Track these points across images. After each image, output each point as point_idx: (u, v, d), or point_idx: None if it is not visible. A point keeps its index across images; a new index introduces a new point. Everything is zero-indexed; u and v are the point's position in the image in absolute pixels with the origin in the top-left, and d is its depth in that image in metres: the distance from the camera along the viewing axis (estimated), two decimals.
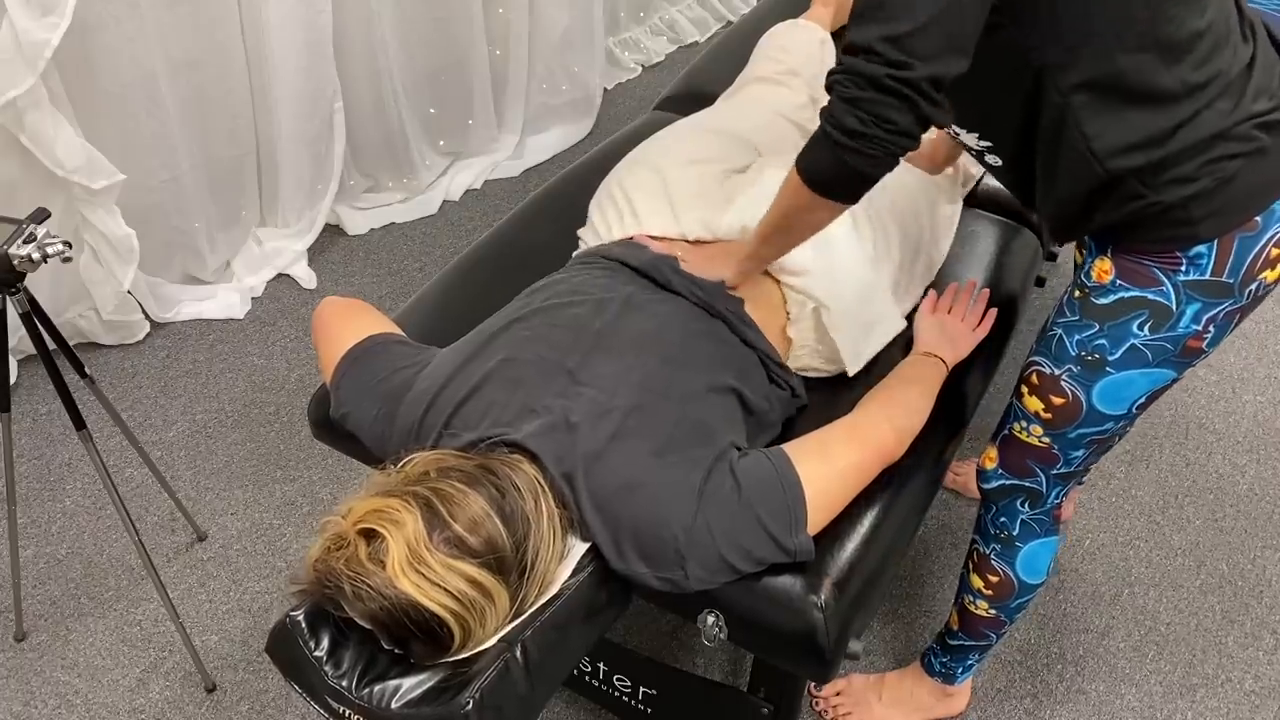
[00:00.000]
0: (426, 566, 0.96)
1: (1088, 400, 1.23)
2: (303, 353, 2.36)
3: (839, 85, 1.04)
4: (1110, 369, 1.20)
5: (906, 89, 1.00)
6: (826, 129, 1.06)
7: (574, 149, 2.99)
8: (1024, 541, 1.42)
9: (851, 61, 1.02)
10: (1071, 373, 1.22)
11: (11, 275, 1.35)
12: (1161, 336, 1.16)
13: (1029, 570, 1.44)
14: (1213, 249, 1.10)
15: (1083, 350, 1.21)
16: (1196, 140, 1.07)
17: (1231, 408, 2.28)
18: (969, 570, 1.51)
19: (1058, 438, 1.28)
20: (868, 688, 1.72)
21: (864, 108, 1.02)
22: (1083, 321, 1.20)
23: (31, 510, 2.02)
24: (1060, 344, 1.23)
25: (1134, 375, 1.20)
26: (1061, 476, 1.34)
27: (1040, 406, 1.27)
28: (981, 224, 1.73)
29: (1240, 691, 1.79)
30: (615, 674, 1.54)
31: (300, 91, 2.34)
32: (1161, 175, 1.08)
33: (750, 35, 2.05)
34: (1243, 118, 1.07)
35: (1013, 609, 1.49)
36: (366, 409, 1.22)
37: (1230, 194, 1.08)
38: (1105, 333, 1.18)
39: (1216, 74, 1.06)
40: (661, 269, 1.33)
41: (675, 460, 1.11)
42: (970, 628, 1.54)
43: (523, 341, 1.21)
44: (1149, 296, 1.14)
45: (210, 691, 1.76)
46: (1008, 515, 1.41)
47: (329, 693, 0.99)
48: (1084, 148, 1.10)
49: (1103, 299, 1.18)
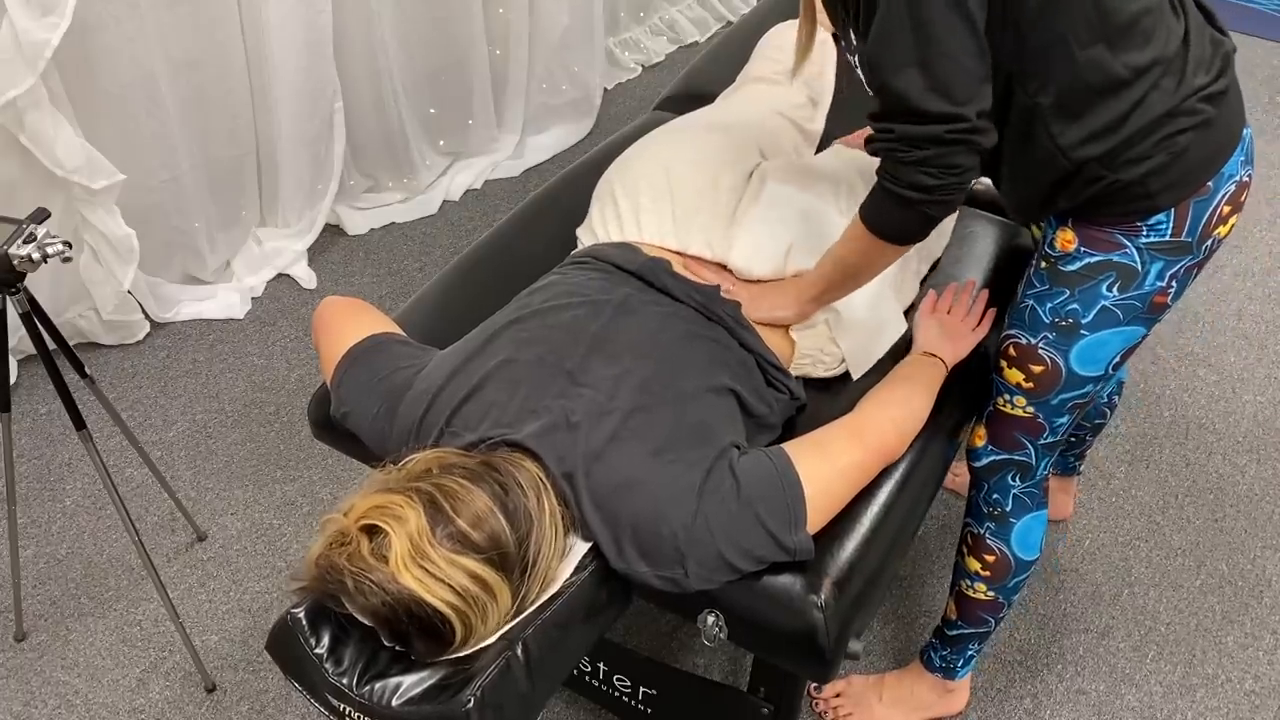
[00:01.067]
0: (429, 561, 0.96)
1: (1066, 364, 1.28)
2: (303, 353, 2.36)
3: (896, 151, 1.10)
4: (1085, 331, 1.24)
5: (966, 135, 1.07)
6: (898, 190, 1.12)
7: (574, 149, 2.99)
8: (1017, 517, 1.45)
9: (903, 130, 1.08)
10: (1048, 339, 1.27)
11: (11, 275, 1.35)
12: (1130, 295, 1.21)
13: (1024, 546, 1.47)
14: (1170, 215, 1.17)
15: (1056, 317, 1.25)
16: (1148, 121, 1.12)
17: (1231, 408, 2.28)
18: (963, 555, 1.53)
19: (1041, 405, 1.33)
20: (868, 688, 1.72)
21: (932, 164, 1.08)
22: (1053, 289, 1.25)
23: (31, 510, 2.02)
24: (1033, 313, 1.28)
25: (1107, 335, 1.25)
26: (1049, 446, 1.39)
27: (1021, 377, 1.32)
28: (981, 224, 1.72)
29: (1240, 691, 1.79)
30: (615, 674, 1.54)
31: (300, 91, 2.34)
32: (1120, 157, 1.13)
33: (750, 35, 2.05)
34: (1188, 93, 1.12)
35: (1009, 589, 1.51)
36: (367, 408, 1.22)
37: (1184, 166, 1.14)
38: (1076, 297, 1.23)
39: (1159, 54, 1.10)
40: (656, 272, 1.33)
41: (675, 459, 1.11)
42: (969, 614, 1.55)
43: (521, 343, 1.21)
44: (1114, 259, 1.20)
45: (210, 691, 1.76)
46: (1000, 491, 1.44)
47: (330, 690, 0.99)
48: (1051, 144, 1.15)
49: (1069, 266, 1.23)
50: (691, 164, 1.52)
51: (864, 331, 1.43)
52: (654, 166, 1.52)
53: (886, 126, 1.10)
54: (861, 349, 1.43)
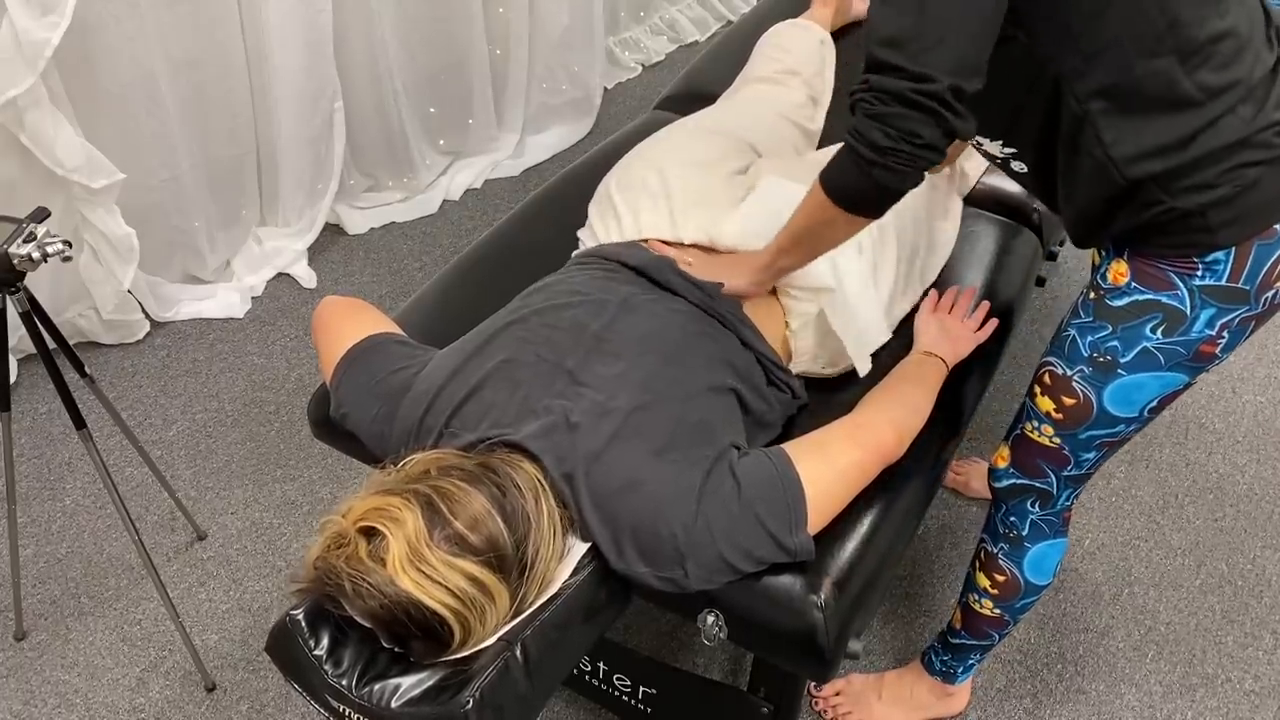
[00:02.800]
0: (427, 564, 0.96)
1: (1099, 402, 1.23)
2: (302, 352, 2.36)
3: (864, 102, 1.04)
4: (1122, 371, 1.19)
5: (931, 102, 1.00)
6: (854, 145, 1.06)
7: (574, 148, 2.99)
8: (1032, 542, 1.42)
9: (876, 79, 1.02)
10: (1083, 374, 1.22)
11: (11, 274, 1.35)
12: (1174, 340, 1.16)
13: (1036, 571, 1.44)
14: (1230, 255, 1.10)
15: (1095, 351, 1.20)
16: (1217, 147, 1.06)
17: (1231, 408, 2.28)
18: (975, 569, 1.50)
19: (1068, 438, 1.28)
20: (868, 687, 1.72)
21: (891, 123, 1.02)
22: (1096, 323, 1.20)
23: (31, 509, 2.02)
24: (1073, 344, 1.23)
25: (1145, 378, 1.19)
26: (1072, 479, 1.34)
27: (1052, 406, 1.27)
28: (981, 224, 1.72)
29: (1240, 691, 1.79)
30: (615, 673, 1.54)
31: (300, 91, 2.34)
32: (1180, 181, 1.08)
33: (750, 35, 2.05)
34: (1264, 125, 1.06)
35: (1017, 609, 1.49)
36: (366, 409, 1.22)
37: (1249, 202, 1.08)
38: (1118, 334, 1.18)
39: (1238, 79, 1.05)
40: (661, 269, 1.33)
41: (675, 460, 1.11)
42: (973, 627, 1.54)
43: (521, 342, 1.21)
44: (1163, 300, 1.14)
45: (210, 691, 1.76)
46: (1018, 515, 1.41)
47: (329, 691, 0.99)
48: (1102, 154, 1.09)
49: (1117, 301, 1.18)
50: (692, 165, 1.52)
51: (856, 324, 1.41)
52: (653, 169, 1.52)
53: (865, 76, 1.04)
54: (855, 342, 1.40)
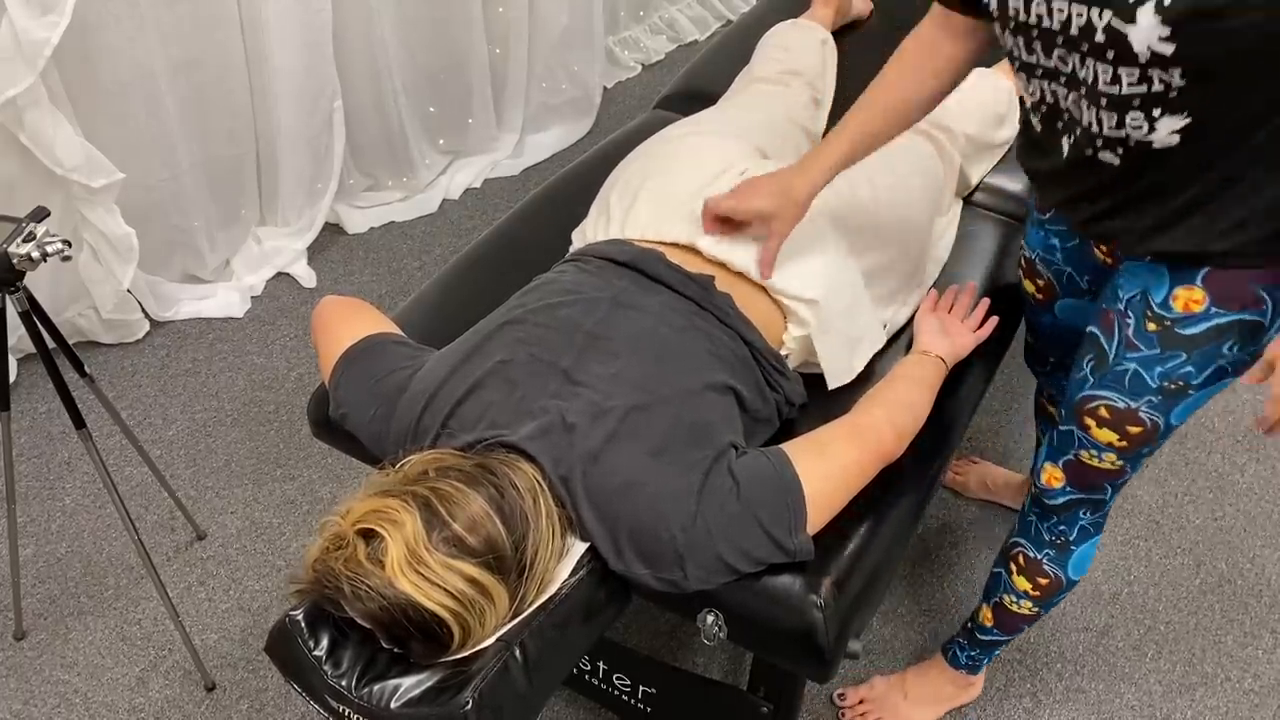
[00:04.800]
0: (425, 566, 0.96)
1: (1166, 422, 1.22)
2: (302, 352, 2.36)
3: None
4: (1193, 391, 1.19)
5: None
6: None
7: (574, 148, 2.99)
8: (1078, 544, 1.42)
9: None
10: (1151, 403, 1.21)
11: (11, 274, 1.35)
12: (1245, 351, 1.15)
13: (1078, 569, 1.45)
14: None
15: (1166, 380, 1.18)
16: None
17: (1231, 407, 2.28)
18: (1011, 573, 1.48)
19: (1133, 459, 1.28)
20: (891, 688, 1.72)
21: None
22: (1164, 354, 1.17)
23: (31, 509, 2.02)
24: (1136, 378, 1.20)
25: (1212, 390, 1.20)
26: (1125, 483, 1.35)
27: (1114, 437, 1.26)
28: (981, 223, 1.72)
29: (1239, 690, 1.79)
30: (615, 673, 1.54)
31: (300, 90, 2.34)
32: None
33: (750, 34, 2.05)
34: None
35: (1053, 603, 1.50)
36: (364, 409, 1.22)
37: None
38: (1193, 359, 1.16)
39: None
40: (650, 262, 1.32)
41: (673, 460, 1.11)
42: (1008, 625, 1.54)
43: (517, 342, 1.21)
44: (1245, 318, 1.12)
45: (210, 690, 1.76)
46: (1068, 524, 1.40)
47: (329, 692, 0.99)
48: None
49: (1191, 328, 1.15)
50: (692, 167, 1.52)
51: (842, 341, 1.40)
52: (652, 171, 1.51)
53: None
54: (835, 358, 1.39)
